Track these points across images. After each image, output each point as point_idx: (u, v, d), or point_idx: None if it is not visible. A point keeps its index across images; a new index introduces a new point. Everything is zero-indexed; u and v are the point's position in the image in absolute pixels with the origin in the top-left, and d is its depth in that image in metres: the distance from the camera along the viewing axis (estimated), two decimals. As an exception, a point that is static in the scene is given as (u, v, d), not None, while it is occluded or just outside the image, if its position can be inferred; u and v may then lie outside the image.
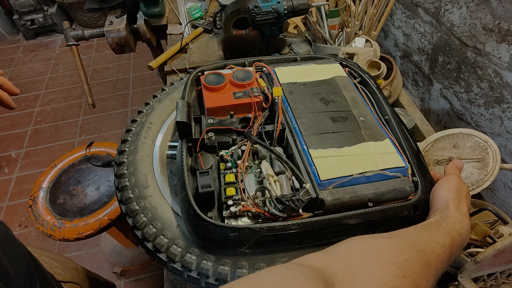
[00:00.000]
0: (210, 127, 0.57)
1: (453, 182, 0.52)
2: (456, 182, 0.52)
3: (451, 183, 0.52)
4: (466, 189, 0.52)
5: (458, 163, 0.57)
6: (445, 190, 0.51)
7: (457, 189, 0.51)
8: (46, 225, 1.04)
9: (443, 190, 0.51)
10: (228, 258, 0.49)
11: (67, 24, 1.35)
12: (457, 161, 0.57)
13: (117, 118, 2.32)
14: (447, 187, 0.51)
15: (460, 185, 0.52)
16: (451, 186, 0.51)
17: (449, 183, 0.52)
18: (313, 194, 0.47)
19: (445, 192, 0.51)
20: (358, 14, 1.03)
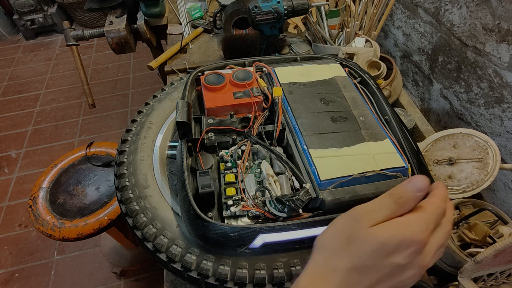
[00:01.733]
0: (210, 127, 0.57)
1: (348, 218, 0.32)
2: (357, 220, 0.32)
3: (340, 221, 0.33)
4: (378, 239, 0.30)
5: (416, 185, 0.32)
6: (328, 229, 0.34)
7: (357, 233, 0.31)
8: (46, 225, 1.04)
9: (328, 229, 0.34)
10: (228, 258, 0.49)
11: (67, 24, 1.35)
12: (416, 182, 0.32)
13: (117, 118, 2.32)
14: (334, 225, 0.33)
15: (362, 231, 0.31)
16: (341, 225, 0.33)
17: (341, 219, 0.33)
18: (313, 194, 0.47)
19: (327, 231, 0.34)
20: (358, 14, 1.03)
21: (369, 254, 0.30)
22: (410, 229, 0.30)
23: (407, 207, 0.31)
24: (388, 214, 0.31)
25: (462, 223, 0.69)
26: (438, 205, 0.32)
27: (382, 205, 0.32)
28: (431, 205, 0.32)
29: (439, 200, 0.32)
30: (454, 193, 0.73)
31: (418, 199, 0.32)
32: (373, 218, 0.31)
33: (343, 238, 0.31)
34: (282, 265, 0.48)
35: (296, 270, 0.48)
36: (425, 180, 0.31)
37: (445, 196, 0.33)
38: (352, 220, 0.32)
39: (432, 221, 0.31)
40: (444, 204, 0.32)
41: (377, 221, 0.31)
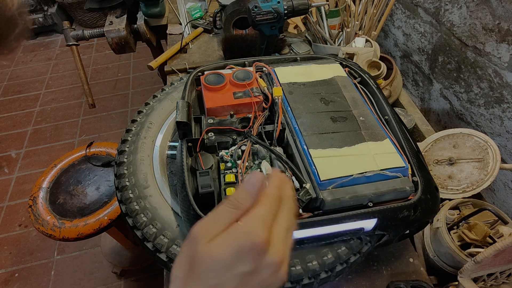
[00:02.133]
0: (210, 127, 0.57)
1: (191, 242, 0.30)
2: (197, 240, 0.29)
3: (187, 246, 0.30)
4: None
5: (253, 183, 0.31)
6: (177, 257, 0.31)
7: (195, 255, 0.29)
8: (46, 225, 1.04)
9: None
10: (228, 258, 0.48)
11: (67, 24, 1.35)
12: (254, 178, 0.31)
13: (117, 118, 2.32)
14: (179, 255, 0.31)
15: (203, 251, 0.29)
16: (184, 251, 0.30)
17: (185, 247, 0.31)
18: (313, 194, 0.47)
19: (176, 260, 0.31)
20: (358, 14, 1.03)
21: (211, 274, 0.29)
22: (245, 234, 0.28)
23: (244, 207, 0.30)
24: (226, 221, 0.30)
25: (462, 223, 0.69)
26: (271, 193, 0.31)
27: (218, 215, 0.30)
28: (264, 197, 0.31)
29: (272, 187, 0.32)
30: (454, 193, 0.73)
31: (253, 194, 0.31)
32: (209, 233, 0.29)
33: (187, 263, 0.30)
34: (282, 265, 0.48)
35: (296, 270, 0.48)
36: (257, 174, 0.31)
37: (278, 181, 0.33)
38: (191, 242, 0.30)
39: (267, 212, 0.30)
40: (278, 189, 0.32)
41: (214, 234, 0.29)
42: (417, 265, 0.64)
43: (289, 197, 0.33)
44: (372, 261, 0.65)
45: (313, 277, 0.49)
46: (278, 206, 0.31)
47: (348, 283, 0.62)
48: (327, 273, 0.50)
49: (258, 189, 0.31)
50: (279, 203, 0.32)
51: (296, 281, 0.48)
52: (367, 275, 0.63)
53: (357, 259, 0.52)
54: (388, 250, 0.66)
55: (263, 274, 0.30)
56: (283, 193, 0.32)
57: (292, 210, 0.33)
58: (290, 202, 0.33)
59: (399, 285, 0.58)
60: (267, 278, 0.30)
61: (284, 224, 0.31)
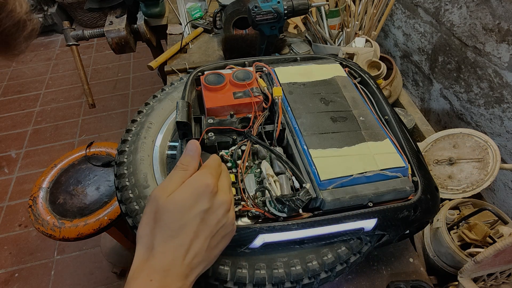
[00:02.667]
0: (210, 127, 0.57)
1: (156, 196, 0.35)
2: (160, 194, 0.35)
3: (151, 200, 0.35)
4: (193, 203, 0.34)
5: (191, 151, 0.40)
6: (143, 217, 0.35)
7: (158, 209, 0.34)
8: (46, 225, 1.04)
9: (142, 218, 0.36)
10: (228, 258, 0.49)
11: (67, 24, 1.35)
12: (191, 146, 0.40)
13: (117, 118, 2.32)
14: (145, 211, 0.35)
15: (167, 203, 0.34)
16: (149, 207, 0.35)
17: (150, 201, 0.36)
18: (313, 194, 0.47)
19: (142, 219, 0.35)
20: (358, 14, 1.03)
21: (175, 217, 0.34)
22: (199, 180, 0.35)
23: (191, 168, 0.38)
24: (179, 180, 0.36)
25: (462, 223, 0.69)
26: (213, 160, 0.40)
27: (172, 176, 0.37)
28: (208, 162, 0.40)
29: (213, 158, 0.41)
30: (454, 193, 0.73)
31: (195, 158, 0.39)
32: (168, 190, 0.35)
33: (151, 219, 0.34)
34: (282, 265, 0.48)
35: (296, 270, 0.48)
36: (193, 142, 0.41)
37: (215, 157, 0.42)
38: (152, 201, 0.35)
39: (213, 169, 0.38)
40: (217, 159, 0.41)
41: (172, 190, 0.35)
42: (417, 265, 0.64)
43: (225, 168, 0.42)
44: (372, 261, 0.65)
45: (313, 277, 0.49)
46: (219, 169, 0.40)
47: (348, 283, 0.62)
48: (327, 273, 0.50)
49: (197, 152, 0.40)
50: (219, 168, 0.40)
51: (296, 281, 0.48)
52: (367, 275, 0.63)
53: (357, 259, 0.52)
54: (388, 250, 0.66)
55: (218, 212, 0.36)
56: (221, 164, 0.41)
57: (229, 177, 0.42)
58: (226, 171, 0.42)
59: (399, 285, 0.58)
60: (222, 218, 0.36)
61: (225, 180, 0.40)
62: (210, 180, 0.35)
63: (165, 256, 0.33)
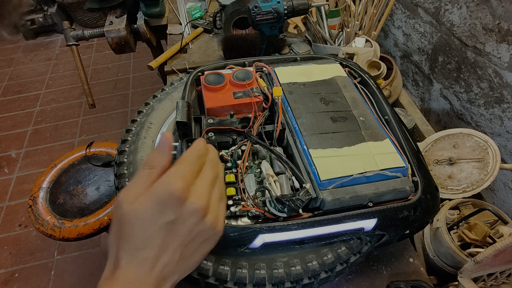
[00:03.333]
0: (210, 127, 0.57)
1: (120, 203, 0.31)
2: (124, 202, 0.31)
3: (116, 208, 0.32)
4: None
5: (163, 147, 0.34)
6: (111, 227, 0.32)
7: (122, 217, 0.31)
8: (46, 225, 1.04)
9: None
10: (228, 258, 0.49)
11: (67, 24, 1.35)
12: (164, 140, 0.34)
13: (117, 118, 2.32)
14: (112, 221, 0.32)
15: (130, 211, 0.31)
16: (115, 217, 0.32)
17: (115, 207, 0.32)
18: (313, 194, 0.47)
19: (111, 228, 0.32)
20: (358, 14, 1.03)
21: (138, 229, 0.30)
22: (163, 186, 0.30)
23: (158, 166, 0.32)
24: (146, 182, 0.31)
25: (462, 223, 0.69)
26: (188, 154, 0.34)
27: (137, 178, 0.32)
28: (184, 156, 0.33)
29: (189, 151, 0.34)
30: (454, 193, 0.73)
31: (163, 152, 0.33)
32: (132, 195, 0.31)
33: (116, 228, 0.31)
34: (282, 265, 0.48)
35: (296, 270, 0.48)
36: (165, 134, 0.34)
37: (197, 146, 0.35)
38: (117, 206, 0.31)
39: (185, 167, 0.32)
40: (196, 151, 0.34)
41: (137, 195, 0.31)
42: (417, 265, 0.64)
43: (213, 158, 0.36)
44: (372, 261, 0.65)
45: (313, 277, 0.49)
46: (198, 164, 0.34)
47: (348, 283, 0.62)
48: (327, 273, 0.50)
49: (168, 146, 0.33)
50: (199, 162, 0.34)
51: (296, 281, 0.48)
52: (367, 275, 0.63)
53: (357, 259, 0.52)
54: (388, 250, 0.66)
55: (189, 222, 0.31)
56: (204, 155, 0.35)
57: (216, 167, 0.35)
58: (213, 161, 0.36)
59: (399, 285, 0.58)
60: (194, 226, 0.31)
61: (207, 176, 0.33)
62: (176, 186, 0.30)
63: (131, 268, 0.30)
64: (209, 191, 0.33)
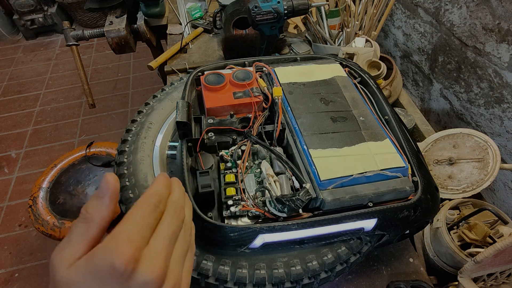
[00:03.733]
0: (210, 127, 0.57)
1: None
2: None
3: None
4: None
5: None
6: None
7: (55, 285, 0.25)
8: (46, 225, 1.04)
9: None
10: (228, 258, 0.49)
11: (67, 24, 1.35)
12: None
13: (117, 118, 2.32)
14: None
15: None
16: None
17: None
18: (313, 194, 0.47)
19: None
20: (358, 14, 1.03)
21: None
22: (104, 255, 0.23)
23: (96, 218, 0.26)
24: (82, 240, 0.25)
25: (462, 223, 0.69)
26: (143, 202, 0.27)
27: (71, 233, 0.26)
28: (135, 205, 0.26)
29: (145, 196, 0.27)
30: (454, 193, 0.73)
31: (104, 201, 0.26)
32: (66, 257, 0.25)
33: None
34: (282, 265, 0.48)
35: (296, 270, 0.48)
36: (108, 176, 0.26)
37: (156, 186, 0.28)
38: (51, 269, 0.25)
39: (134, 224, 0.25)
40: (153, 196, 0.27)
41: (73, 258, 0.25)
42: (417, 265, 0.64)
43: (175, 203, 0.29)
44: (372, 261, 0.65)
45: (313, 277, 0.49)
46: (154, 215, 0.27)
47: (348, 283, 0.62)
48: (327, 273, 0.50)
49: (111, 193, 0.26)
50: (156, 212, 0.27)
51: (296, 281, 0.48)
52: (367, 275, 0.63)
53: (357, 259, 0.52)
54: (388, 250, 0.66)
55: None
56: (163, 199, 0.28)
57: (180, 213, 0.28)
58: (176, 204, 0.28)
59: (399, 285, 0.58)
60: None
61: (165, 231, 0.26)
62: (121, 256, 0.23)
63: None
64: (167, 252, 0.26)
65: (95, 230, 0.26)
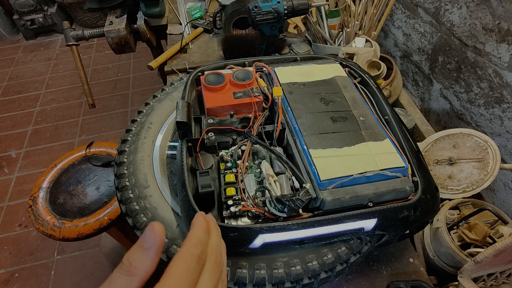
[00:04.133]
0: (210, 127, 0.57)
1: None
2: None
3: None
4: None
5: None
6: None
7: None
8: (46, 225, 1.04)
9: None
10: (228, 258, 0.48)
11: (67, 24, 1.35)
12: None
13: (117, 118, 2.32)
14: None
15: None
16: None
17: None
18: (313, 194, 0.47)
19: None
20: (358, 14, 1.03)
21: None
22: None
23: (140, 272, 0.24)
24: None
25: (462, 223, 0.69)
26: (187, 253, 0.25)
27: (109, 284, 0.24)
28: (176, 260, 0.24)
29: (189, 245, 0.26)
30: (454, 193, 0.73)
31: (150, 253, 0.24)
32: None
33: None
34: (282, 265, 0.48)
35: (296, 270, 0.48)
36: (154, 225, 0.24)
37: (197, 234, 0.26)
38: None
39: (181, 283, 0.23)
40: (196, 246, 0.26)
41: None
42: (417, 265, 0.64)
43: (215, 251, 0.27)
44: (372, 261, 0.65)
45: (313, 277, 0.49)
46: (198, 268, 0.25)
47: (348, 283, 0.62)
48: (327, 273, 0.50)
49: (157, 245, 0.24)
50: (200, 264, 0.25)
51: (296, 281, 0.48)
52: (367, 275, 0.63)
53: (357, 259, 0.52)
54: (388, 250, 0.66)
55: None
56: (205, 248, 0.26)
57: (219, 267, 0.27)
58: (216, 258, 0.27)
59: (399, 285, 0.58)
60: None
61: (207, 286, 0.25)
62: None
63: None
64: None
65: (137, 284, 0.24)
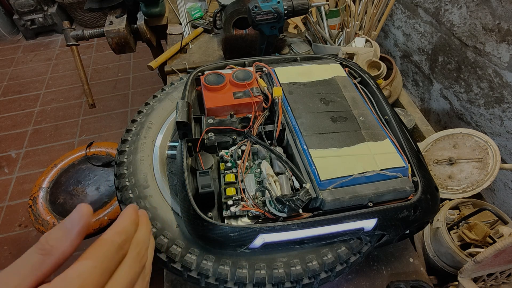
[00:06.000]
0: (210, 127, 0.57)
1: None
2: None
3: None
4: None
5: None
6: None
7: None
8: (46, 225, 1.04)
9: None
10: (228, 258, 0.49)
11: (67, 24, 1.35)
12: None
13: (117, 118, 2.32)
14: None
15: None
16: None
17: None
18: (313, 194, 0.47)
19: None
20: (358, 14, 1.03)
21: None
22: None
23: (56, 252, 0.22)
24: (33, 275, 0.22)
25: (462, 223, 0.69)
26: (107, 240, 0.24)
27: (22, 261, 0.22)
28: (95, 245, 0.23)
29: (110, 232, 0.25)
30: (454, 193, 0.73)
31: (70, 234, 0.23)
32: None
33: None
34: (282, 265, 0.48)
35: (296, 270, 0.48)
36: (82, 207, 0.24)
37: (123, 222, 0.26)
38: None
39: (93, 268, 0.22)
40: (119, 235, 0.25)
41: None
42: (417, 265, 0.64)
43: (140, 244, 0.26)
44: (372, 261, 0.65)
45: (313, 277, 0.49)
46: (116, 257, 0.24)
47: (348, 283, 0.62)
48: (327, 273, 0.50)
49: (81, 227, 0.23)
50: (119, 253, 0.24)
51: (296, 281, 0.48)
52: (367, 275, 0.63)
53: (357, 259, 0.52)
54: (388, 250, 0.66)
55: None
56: (129, 238, 0.26)
57: (141, 262, 0.26)
58: (139, 250, 0.26)
59: (399, 285, 0.58)
60: None
61: (122, 282, 0.24)
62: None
63: None
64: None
65: (50, 265, 0.22)
